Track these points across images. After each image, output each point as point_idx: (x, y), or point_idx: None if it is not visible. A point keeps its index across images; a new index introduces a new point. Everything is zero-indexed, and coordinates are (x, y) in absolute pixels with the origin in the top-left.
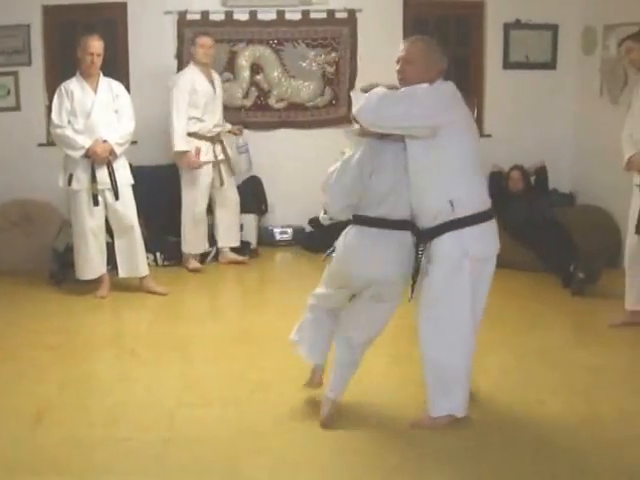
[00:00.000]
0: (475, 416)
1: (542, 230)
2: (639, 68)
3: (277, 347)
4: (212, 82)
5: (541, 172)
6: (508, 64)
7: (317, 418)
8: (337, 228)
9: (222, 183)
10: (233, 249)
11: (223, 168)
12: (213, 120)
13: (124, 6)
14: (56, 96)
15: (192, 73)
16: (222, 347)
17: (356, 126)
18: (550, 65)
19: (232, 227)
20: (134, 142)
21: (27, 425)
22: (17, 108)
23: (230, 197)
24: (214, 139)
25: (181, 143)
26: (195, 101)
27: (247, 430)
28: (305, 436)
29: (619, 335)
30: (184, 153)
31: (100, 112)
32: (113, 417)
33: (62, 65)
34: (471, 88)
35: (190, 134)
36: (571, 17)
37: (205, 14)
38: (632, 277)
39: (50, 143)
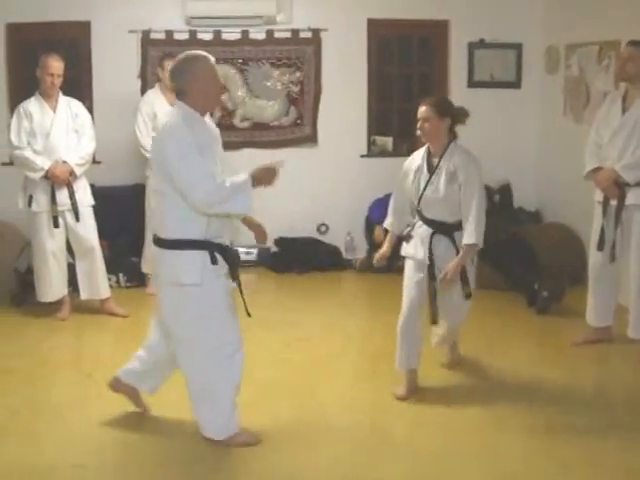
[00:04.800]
0: (419, 440)
1: (507, 249)
2: (625, 79)
3: None
4: None
5: (505, 190)
6: (473, 83)
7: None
8: (300, 248)
9: None
10: None
11: None
12: None
13: (87, 25)
14: (14, 116)
15: (154, 96)
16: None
17: None
18: (515, 84)
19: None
20: (98, 162)
21: None
22: None
23: None
24: None
25: None
26: (155, 125)
27: (201, 453)
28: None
29: (582, 353)
30: None
31: (59, 132)
32: (66, 443)
33: (25, 84)
34: None
35: None
36: (534, 36)
37: (169, 33)
38: (595, 295)
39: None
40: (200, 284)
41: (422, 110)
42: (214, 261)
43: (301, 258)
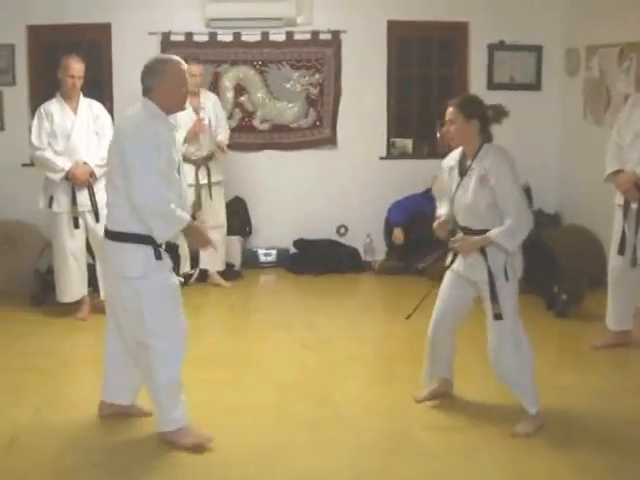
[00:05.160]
0: (434, 443)
1: (526, 251)
2: None
3: (252, 371)
4: (197, 109)
5: (525, 193)
6: (492, 85)
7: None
8: (319, 249)
9: (200, 207)
10: (219, 271)
11: (204, 192)
12: (193, 145)
13: (108, 27)
14: (35, 118)
15: None
16: (200, 371)
17: None
18: (535, 86)
19: (217, 250)
20: None
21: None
22: (1, 128)
23: (213, 220)
24: (197, 162)
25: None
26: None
27: (213, 455)
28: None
29: (601, 357)
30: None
31: (80, 133)
32: (85, 442)
33: (47, 85)
34: None
35: None
36: (554, 38)
37: (189, 35)
38: (614, 298)
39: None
40: (143, 278)
41: (448, 112)
42: (158, 256)
43: (320, 260)
